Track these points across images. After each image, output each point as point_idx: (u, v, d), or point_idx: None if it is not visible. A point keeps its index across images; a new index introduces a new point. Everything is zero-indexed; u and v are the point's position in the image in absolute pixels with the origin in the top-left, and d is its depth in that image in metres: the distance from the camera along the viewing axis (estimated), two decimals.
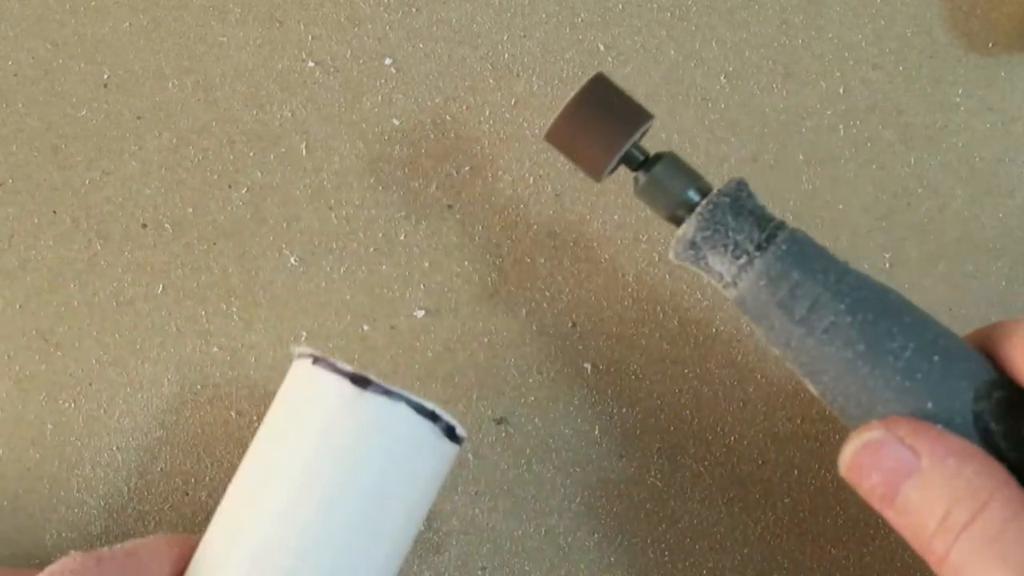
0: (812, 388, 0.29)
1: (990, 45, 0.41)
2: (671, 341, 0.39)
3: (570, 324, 0.39)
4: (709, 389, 0.39)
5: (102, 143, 0.40)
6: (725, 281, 0.29)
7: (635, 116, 0.30)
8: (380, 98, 0.40)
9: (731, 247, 0.29)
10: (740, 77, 0.40)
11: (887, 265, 0.40)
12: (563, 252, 0.39)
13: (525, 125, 0.40)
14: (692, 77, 0.40)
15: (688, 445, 0.39)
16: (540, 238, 0.39)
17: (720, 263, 0.29)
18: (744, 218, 0.29)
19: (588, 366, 0.39)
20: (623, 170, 0.31)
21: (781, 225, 0.29)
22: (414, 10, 0.40)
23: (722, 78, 0.40)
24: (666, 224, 0.31)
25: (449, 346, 0.39)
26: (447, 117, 0.40)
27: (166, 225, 0.39)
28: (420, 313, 0.39)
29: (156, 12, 0.40)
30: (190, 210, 0.39)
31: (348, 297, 0.39)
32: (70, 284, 0.39)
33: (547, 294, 0.39)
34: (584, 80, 0.30)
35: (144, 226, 0.39)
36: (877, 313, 0.28)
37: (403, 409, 0.30)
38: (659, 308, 0.39)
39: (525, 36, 0.40)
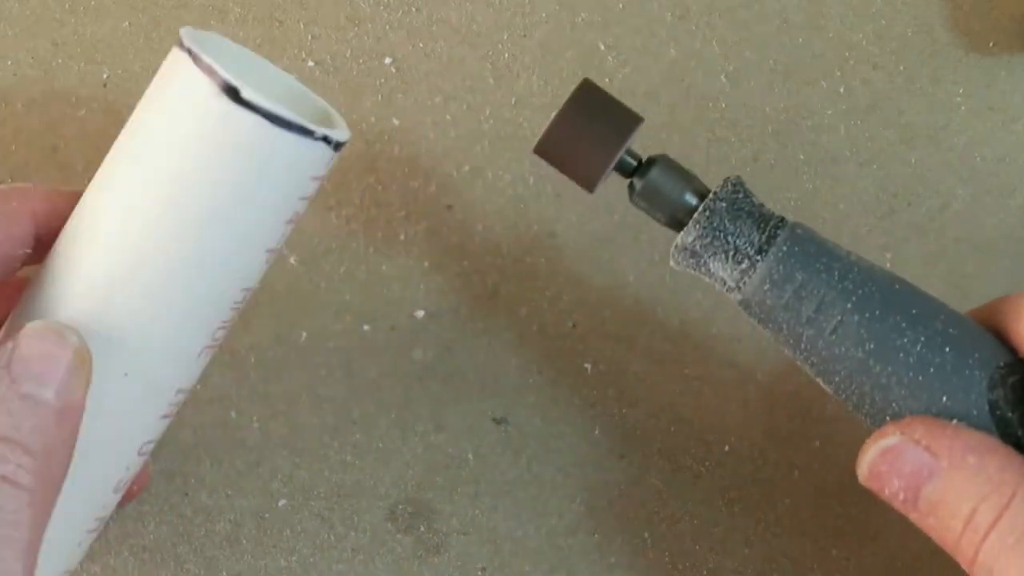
0: (825, 387, 0.29)
1: (991, 45, 0.41)
2: (671, 341, 0.39)
3: (570, 324, 0.39)
4: (709, 389, 0.39)
5: (102, 143, 0.39)
6: (728, 286, 0.29)
7: (626, 121, 0.29)
8: (380, 98, 0.40)
9: (731, 252, 0.28)
10: (740, 77, 0.40)
11: (888, 265, 0.40)
12: (563, 252, 0.39)
13: (525, 125, 0.40)
14: (692, 77, 0.40)
15: (688, 445, 0.39)
16: (540, 238, 0.39)
17: (722, 268, 0.29)
18: (743, 221, 0.28)
19: (588, 366, 0.39)
20: (616, 175, 0.30)
21: (781, 223, 0.29)
22: (414, 10, 0.40)
23: (722, 78, 0.40)
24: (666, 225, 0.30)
25: (449, 346, 0.39)
26: (447, 117, 0.40)
27: None
28: (420, 313, 0.39)
29: (156, 12, 0.40)
30: None
31: (348, 297, 0.39)
32: None
33: (547, 294, 0.39)
34: (573, 87, 0.29)
35: None
36: (884, 309, 0.27)
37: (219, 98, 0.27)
38: (659, 308, 0.39)
39: (525, 36, 0.40)
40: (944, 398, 0.27)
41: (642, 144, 0.40)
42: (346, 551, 0.38)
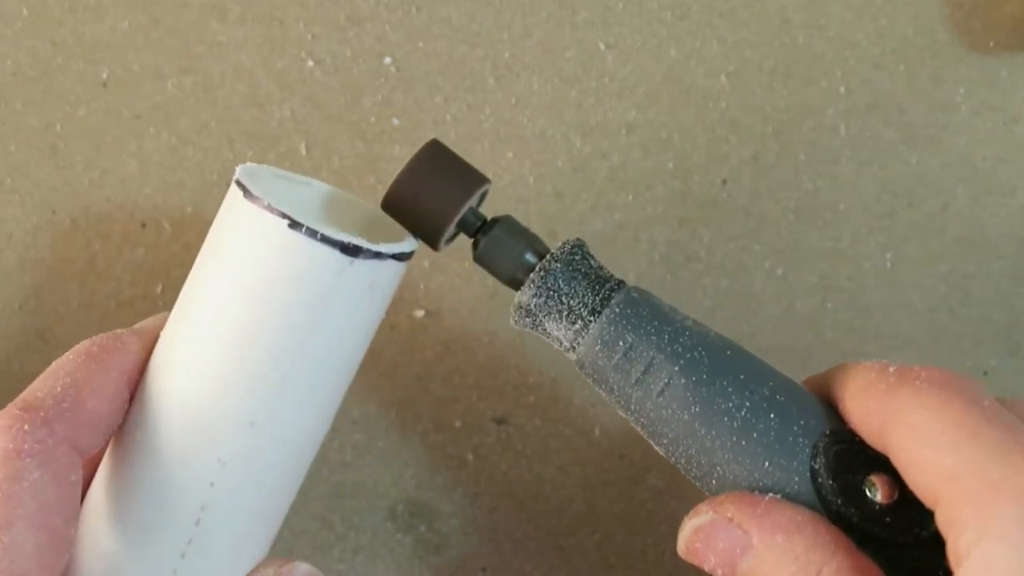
0: (657, 449, 0.29)
1: (991, 44, 0.41)
2: None
3: None
4: None
5: (101, 142, 0.40)
6: (564, 346, 0.29)
7: (470, 181, 0.30)
8: (380, 98, 0.40)
9: (565, 312, 0.29)
10: (741, 76, 0.40)
11: (888, 265, 0.40)
12: None
13: (525, 125, 0.40)
14: (693, 76, 0.40)
15: None
16: (541, 237, 0.39)
17: (557, 328, 0.29)
18: (578, 282, 0.29)
19: None
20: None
21: (617, 286, 0.29)
22: (414, 10, 0.40)
23: (723, 77, 0.40)
24: (670, 224, 0.31)
25: (449, 346, 0.39)
26: (447, 117, 0.40)
27: (165, 225, 0.39)
28: (420, 313, 0.39)
29: (155, 11, 0.40)
30: (189, 209, 0.39)
31: None
32: (69, 284, 0.39)
33: None
34: (419, 146, 0.30)
35: (143, 226, 0.39)
36: (712, 373, 0.27)
37: (274, 222, 0.28)
38: None
39: (525, 36, 0.40)
40: (766, 464, 0.27)
41: (642, 142, 0.40)
42: (347, 551, 0.38)
